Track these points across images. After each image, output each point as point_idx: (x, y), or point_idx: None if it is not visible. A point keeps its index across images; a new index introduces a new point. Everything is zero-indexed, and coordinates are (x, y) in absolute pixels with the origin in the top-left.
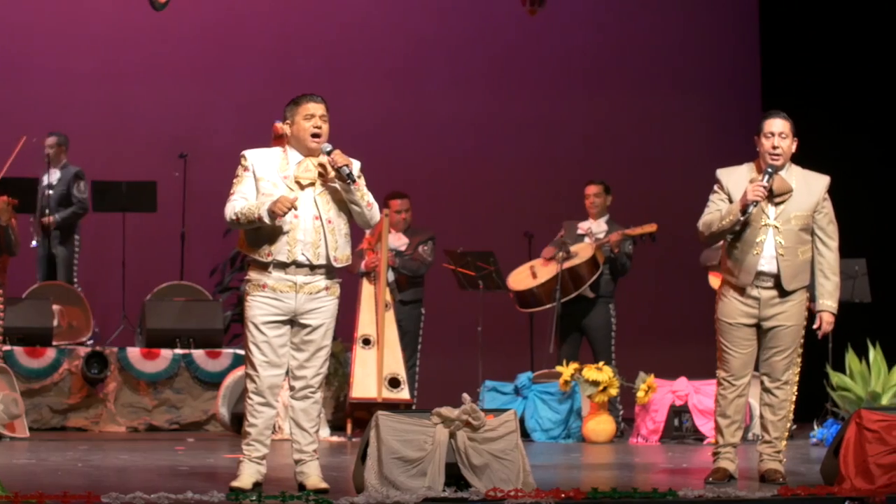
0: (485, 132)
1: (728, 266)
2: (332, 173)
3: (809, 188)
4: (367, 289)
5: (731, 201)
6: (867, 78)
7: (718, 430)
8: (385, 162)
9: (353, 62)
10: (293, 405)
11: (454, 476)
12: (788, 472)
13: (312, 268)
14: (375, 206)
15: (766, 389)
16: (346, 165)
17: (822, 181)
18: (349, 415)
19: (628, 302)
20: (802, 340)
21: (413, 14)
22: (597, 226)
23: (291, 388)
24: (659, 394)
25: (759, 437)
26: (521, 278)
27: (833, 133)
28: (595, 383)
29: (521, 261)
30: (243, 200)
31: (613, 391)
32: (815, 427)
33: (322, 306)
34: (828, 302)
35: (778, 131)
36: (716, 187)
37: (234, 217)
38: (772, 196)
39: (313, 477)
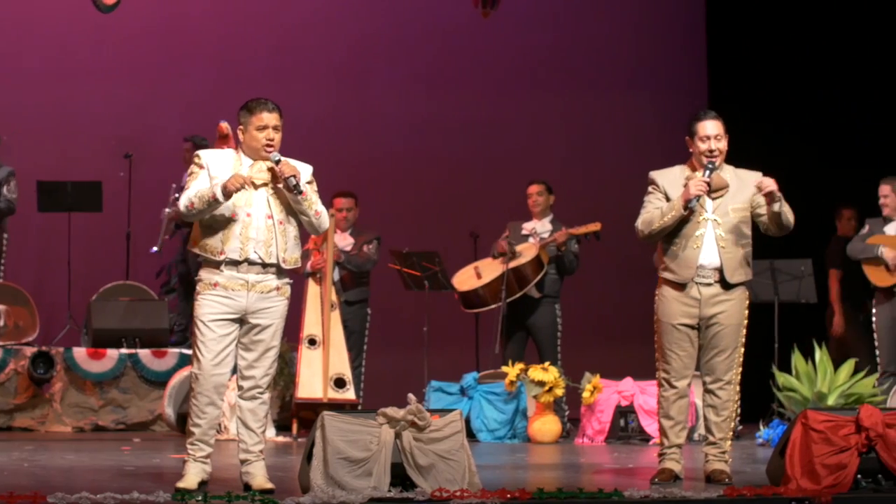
0: (430, 132)
1: (666, 264)
2: (281, 182)
3: (743, 183)
4: (312, 289)
5: (668, 200)
6: (813, 78)
7: (663, 431)
8: (330, 162)
9: (299, 62)
10: (241, 405)
11: (400, 476)
12: (734, 473)
13: (264, 266)
14: (324, 213)
15: (708, 390)
16: (294, 176)
17: (755, 175)
18: (295, 415)
19: (574, 302)
20: (744, 340)
21: (358, 14)
22: (541, 226)
23: (240, 388)
24: (605, 394)
25: (704, 438)
26: (465, 279)
27: (779, 132)
28: (541, 383)
29: (467, 261)
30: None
31: (559, 391)
32: (761, 427)
33: (272, 306)
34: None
35: (713, 134)
36: (651, 188)
37: (188, 203)
38: (709, 192)
39: (259, 477)
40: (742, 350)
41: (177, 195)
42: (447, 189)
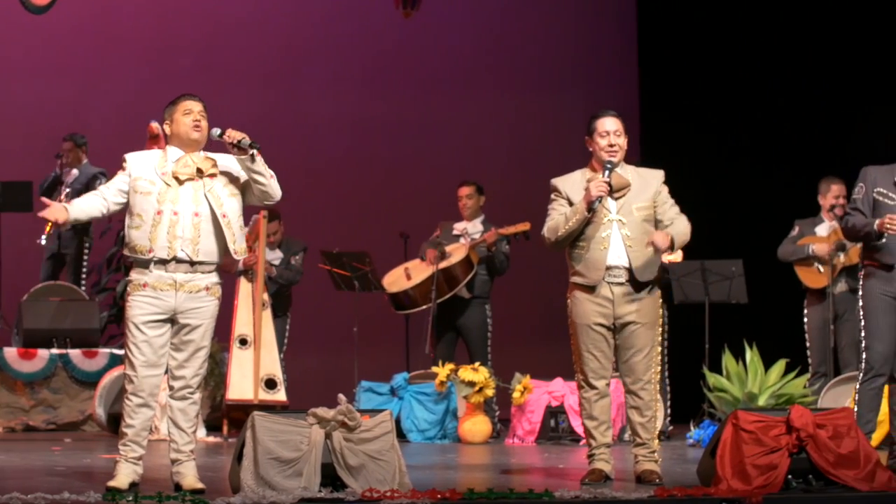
0: (360, 133)
1: (575, 268)
2: (233, 151)
3: (645, 181)
4: (244, 288)
5: (571, 205)
6: (743, 80)
7: (588, 433)
8: None
9: (229, 63)
10: (171, 405)
11: (330, 476)
12: (665, 473)
13: (192, 264)
14: (275, 177)
15: (630, 392)
16: (244, 138)
17: (657, 173)
18: (225, 415)
19: (504, 302)
20: (660, 339)
21: (289, 15)
22: (472, 226)
23: (170, 388)
24: (535, 394)
25: (633, 439)
26: (395, 280)
27: (710, 132)
28: (471, 384)
29: (397, 261)
30: (99, 198)
31: (489, 392)
32: (692, 428)
33: (202, 306)
34: (671, 230)
35: (613, 129)
36: (553, 195)
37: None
38: (611, 192)
39: (189, 477)
40: (659, 349)
41: (68, 190)
42: (377, 189)
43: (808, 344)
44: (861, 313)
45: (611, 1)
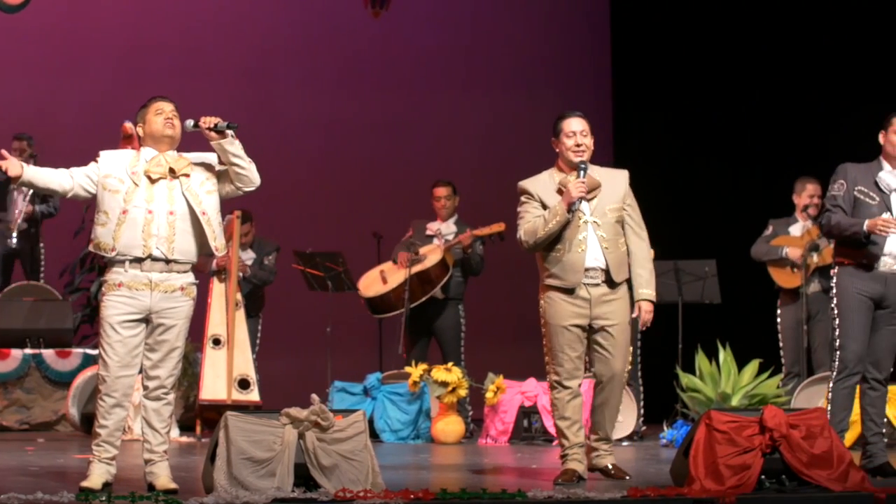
0: (333, 133)
1: (551, 270)
2: (211, 136)
3: (613, 181)
4: (217, 288)
5: (544, 207)
6: (716, 80)
7: (561, 433)
8: None
9: (202, 62)
10: (146, 405)
11: (303, 476)
12: (638, 473)
13: (168, 262)
14: (254, 164)
15: (602, 388)
16: (219, 121)
17: (622, 174)
18: (199, 415)
19: (478, 303)
20: (630, 338)
21: (262, 15)
22: (446, 227)
23: (145, 388)
24: (508, 395)
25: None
26: (371, 284)
27: (682, 133)
28: (444, 384)
29: (370, 261)
30: (66, 174)
31: (462, 392)
32: (665, 428)
33: (177, 306)
34: (646, 290)
35: (579, 130)
36: (524, 198)
37: None
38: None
39: (163, 477)
40: (631, 349)
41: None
42: (350, 189)
43: (781, 344)
44: (835, 312)
45: (584, 1)
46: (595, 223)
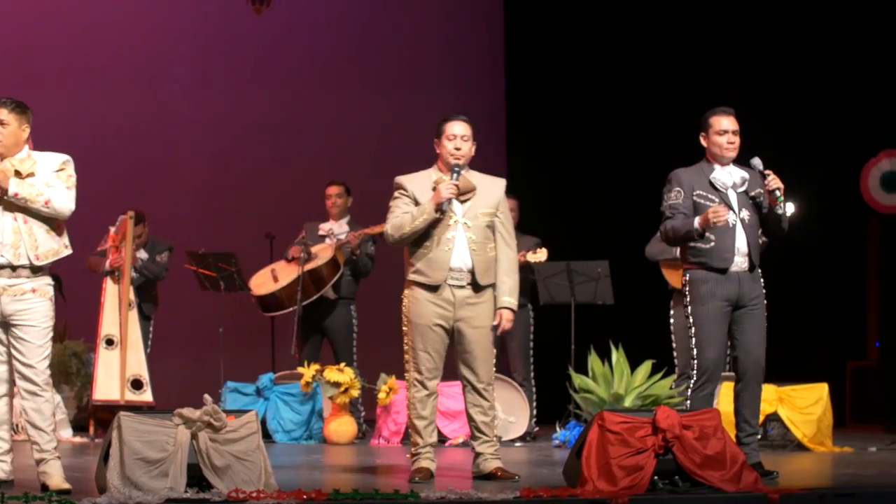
0: (226, 134)
1: (416, 266)
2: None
3: (489, 187)
4: (111, 288)
5: (417, 204)
6: (610, 81)
7: (417, 431)
8: (126, 163)
9: (92, 63)
10: (25, 407)
11: (196, 477)
12: (531, 474)
13: (14, 268)
14: (56, 199)
15: (476, 391)
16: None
17: (499, 182)
18: (92, 415)
19: (370, 303)
20: (493, 341)
21: (154, 14)
22: (338, 227)
23: (20, 390)
24: (400, 395)
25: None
26: (262, 282)
27: (577, 135)
28: (336, 384)
29: (263, 261)
30: None
31: (355, 392)
32: (558, 429)
33: (30, 307)
34: (508, 298)
35: (460, 134)
36: (398, 193)
37: None
38: (458, 195)
39: (56, 477)
40: (494, 351)
41: None
42: (243, 190)
43: (674, 345)
44: (690, 320)
45: (478, 1)
46: (465, 224)
